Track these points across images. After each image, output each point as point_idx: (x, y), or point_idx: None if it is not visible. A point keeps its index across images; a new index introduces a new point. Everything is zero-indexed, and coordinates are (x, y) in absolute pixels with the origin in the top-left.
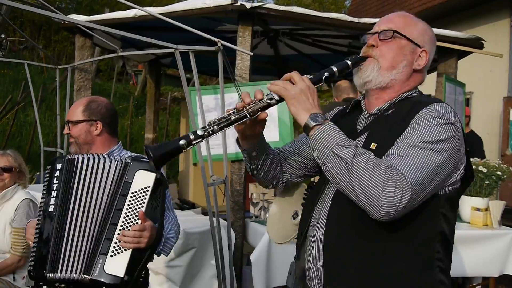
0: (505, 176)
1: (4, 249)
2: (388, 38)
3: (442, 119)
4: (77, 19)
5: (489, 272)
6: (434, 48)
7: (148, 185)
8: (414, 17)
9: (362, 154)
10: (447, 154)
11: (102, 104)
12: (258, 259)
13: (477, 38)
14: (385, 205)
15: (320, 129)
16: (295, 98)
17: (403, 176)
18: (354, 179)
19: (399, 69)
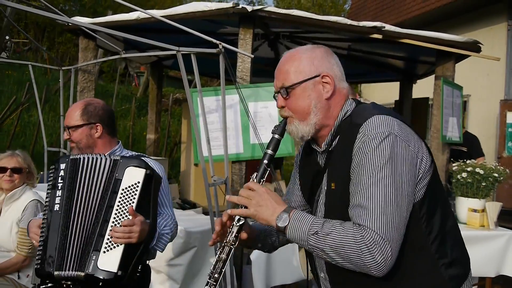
0: (502, 178)
1: (10, 248)
2: (287, 96)
3: (376, 138)
4: (80, 21)
5: (485, 272)
6: (332, 59)
7: (138, 181)
8: (299, 51)
9: (330, 234)
10: (398, 172)
11: (98, 106)
12: (258, 258)
13: (475, 42)
14: (373, 268)
15: (290, 228)
16: (258, 214)
17: (373, 231)
18: (337, 259)
19: (314, 111)
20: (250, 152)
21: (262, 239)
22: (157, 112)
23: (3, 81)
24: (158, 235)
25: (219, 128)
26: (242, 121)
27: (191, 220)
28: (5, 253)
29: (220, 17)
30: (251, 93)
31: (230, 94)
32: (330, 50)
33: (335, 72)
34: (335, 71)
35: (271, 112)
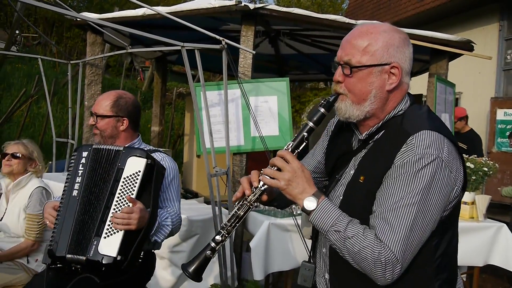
0: (491, 172)
1: (19, 233)
2: (349, 74)
3: (422, 159)
4: (88, 17)
5: (474, 262)
6: (407, 51)
7: (139, 170)
8: (376, 30)
9: (351, 238)
10: (433, 200)
11: (129, 101)
12: (257, 246)
13: (468, 41)
14: (379, 281)
15: (315, 214)
16: (287, 188)
17: (392, 252)
18: (348, 258)
19: (371, 99)
20: (250, 145)
21: (279, 198)
22: (161, 105)
23: (14, 74)
24: (158, 225)
25: (221, 121)
26: (243, 114)
27: (194, 209)
28: (14, 239)
29: (223, 14)
30: (252, 88)
31: (232, 89)
32: (408, 39)
33: (405, 65)
34: (405, 64)
35: (271, 106)
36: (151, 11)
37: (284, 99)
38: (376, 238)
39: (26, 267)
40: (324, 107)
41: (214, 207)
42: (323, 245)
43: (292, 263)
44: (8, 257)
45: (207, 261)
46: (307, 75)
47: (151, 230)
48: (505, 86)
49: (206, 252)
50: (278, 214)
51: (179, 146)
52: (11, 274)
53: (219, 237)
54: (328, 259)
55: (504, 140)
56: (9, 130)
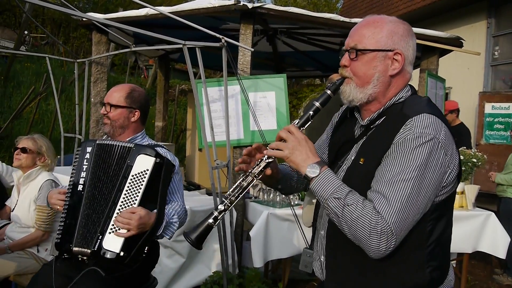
0: (480, 163)
1: (29, 224)
2: (355, 57)
3: (420, 138)
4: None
5: (463, 248)
6: (411, 41)
7: (147, 169)
8: (381, 20)
9: (350, 205)
10: (428, 177)
11: (142, 94)
12: (257, 235)
13: (457, 38)
14: (373, 251)
15: (316, 181)
16: (290, 156)
17: (387, 225)
18: (344, 227)
19: (374, 83)
20: (250, 138)
21: (283, 182)
22: (164, 102)
23: (23, 73)
24: (166, 223)
25: (222, 116)
26: (243, 109)
27: (196, 200)
28: (25, 229)
29: (223, 13)
30: (251, 84)
31: (232, 85)
32: (412, 31)
33: (408, 54)
34: (408, 52)
35: (269, 102)
36: (154, 11)
37: (282, 95)
38: (374, 209)
39: (36, 256)
40: (331, 89)
41: (216, 198)
42: (321, 227)
43: (290, 251)
44: (19, 246)
45: (209, 230)
46: (303, 72)
47: (157, 230)
48: (492, 81)
49: (208, 221)
50: (276, 204)
51: (181, 140)
52: (22, 262)
53: (222, 206)
54: (324, 241)
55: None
56: (19, 126)
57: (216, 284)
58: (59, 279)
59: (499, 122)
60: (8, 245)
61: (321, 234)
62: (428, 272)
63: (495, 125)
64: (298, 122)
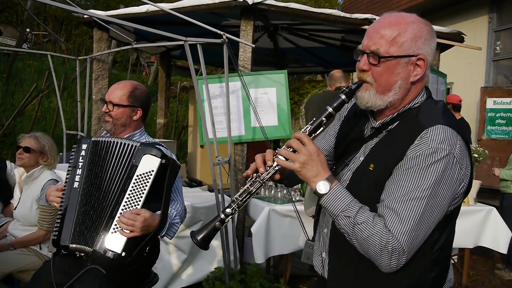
0: (481, 159)
1: (32, 223)
2: (377, 64)
3: (435, 154)
4: (95, 13)
5: (465, 243)
6: (433, 43)
7: (152, 170)
8: (405, 20)
9: (361, 224)
10: (442, 195)
11: (144, 92)
12: (258, 231)
13: (459, 33)
14: (384, 268)
15: (327, 198)
16: (301, 170)
17: (399, 243)
18: (355, 244)
19: (395, 90)
20: (251, 134)
21: (290, 177)
22: (166, 99)
23: (25, 70)
24: (168, 225)
25: (223, 113)
26: (244, 106)
27: (198, 197)
28: (27, 227)
29: (223, 10)
30: (252, 80)
31: (233, 81)
32: (434, 31)
33: (430, 58)
34: (430, 56)
35: (270, 98)
36: (155, 7)
37: (283, 91)
38: (385, 227)
39: (39, 253)
40: (346, 94)
41: (217, 195)
42: (325, 225)
43: (292, 247)
44: (22, 244)
45: (215, 231)
46: (305, 68)
47: (160, 232)
48: (494, 76)
49: (215, 223)
50: (277, 200)
51: (183, 137)
52: (25, 259)
53: (229, 210)
54: (328, 240)
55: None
56: (21, 124)
57: (218, 280)
58: (59, 276)
59: (500, 117)
60: (10, 242)
61: (324, 232)
62: (431, 277)
63: (496, 120)
64: (310, 128)
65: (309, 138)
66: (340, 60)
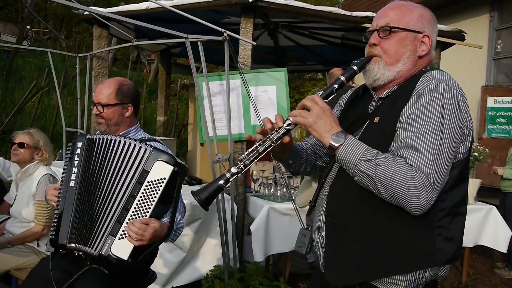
0: (482, 157)
1: (29, 219)
2: (387, 35)
3: (438, 86)
4: (95, 10)
5: (465, 242)
6: (436, 27)
7: (164, 177)
8: (410, 4)
9: (382, 164)
10: (450, 125)
11: (131, 87)
12: (257, 229)
13: (459, 31)
14: (414, 207)
15: (342, 149)
16: (314, 124)
17: (425, 176)
18: (381, 189)
19: (404, 60)
20: (251, 132)
21: (294, 156)
22: (166, 96)
23: (25, 67)
24: (173, 231)
25: (223, 110)
26: (244, 103)
27: None
28: (24, 224)
29: (223, 7)
30: (252, 78)
31: (233, 79)
32: (435, 18)
33: (433, 38)
34: (434, 37)
35: (270, 96)
36: (155, 4)
37: (283, 88)
38: (407, 163)
39: (37, 250)
40: (357, 65)
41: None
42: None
43: (291, 245)
44: (19, 241)
45: (219, 190)
46: (305, 66)
47: (167, 238)
48: (495, 75)
49: (219, 182)
50: (277, 199)
51: (183, 135)
52: (22, 257)
53: (235, 168)
54: (325, 215)
55: (494, 126)
56: (21, 121)
57: (217, 278)
58: (58, 273)
59: (501, 116)
60: (8, 240)
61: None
62: (437, 239)
63: (497, 119)
64: (322, 94)
65: (321, 99)
66: (341, 58)
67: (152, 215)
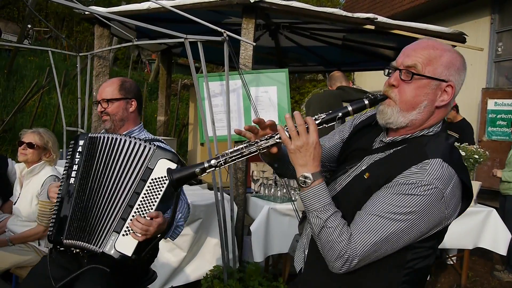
0: (482, 160)
1: (31, 218)
2: (409, 79)
3: (427, 187)
4: (96, 10)
5: (464, 245)
6: (463, 75)
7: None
8: (440, 47)
9: (329, 228)
10: (418, 227)
11: (133, 84)
12: (257, 230)
13: (460, 33)
14: (333, 269)
15: (305, 192)
16: (293, 153)
17: (355, 251)
18: (318, 243)
19: (420, 109)
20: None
21: (281, 162)
22: (167, 96)
23: (26, 66)
24: (173, 227)
25: (223, 111)
26: (244, 104)
27: (197, 195)
28: (26, 223)
29: (225, 7)
30: (252, 79)
31: (234, 79)
32: (465, 64)
33: (458, 88)
34: (458, 87)
35: (270, 97)
36: (156, 4)
37: (284, 89)
38: (350, 238)
39: (37, 249)
40: (370, 101)
41: (217, 193)
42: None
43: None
44: (20, 240)
45: (192, 176)
46: (306, 67)
47: (167, 234)
48: (496, 77)
49: (196, 169)
50: (277, 199)
51: (184, 135)
52: (23, 255)
53: (215, 161)
54: (308, 244)
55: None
56: (22, 120)
57: (216, 278)
58: (56, 270)
59: (501, 119)
60: (9, 238)
61: (308, 233)
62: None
63: (497, 122)
64: (323, 118)
65: (316, 128)
66: (342, 59)
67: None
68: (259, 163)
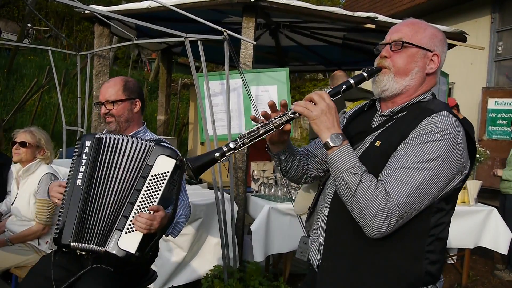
0: (482, 159)
1: (29, 217)
2: (399, 49)
3: (444, 132)
4: (96, 9)
5: (465, 244)
6: (446, 48)
7: (167, 171)
8: (423, 23)
9: (365, 182)
10: (443, 172)
11: (135, 83)
12: (258, 229)
13: (461, 32)
14: (374, 231)
15: (336, 152)
16: (317, 119)
17: (395, 207)
18: (354, 203)
19: (412, 75)
20: None
21: (289, 152)
22: (167, 95)
23: (26, 65)
24: (174, 224)
25: (223, 110)
26: (245, 103)
27: (197, 194)
28: (25, 222)
29: (225, 6)
30: (253, 78)
31: (234, 79)
32: (446, 40)
33: (442, 58)
34: (443, 57)
35: (271, 96)
36: (156, 3)
37: (284, 89)
38: (386, 192)
39: (37, 249)
40: (367, 73)
41: (217, 192)
42: (325, 207)
43: (291, 245)
44: (19, 239)
45: (213, 162)
46: (306, 66)
47: (168, 229)
48: (496, 76)
49: (215, 154)
50: (278, 199)
51: (184, 134)
52: (22, 255)
53: (233, 144)
54: (326, 219)
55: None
56: (22, 119)
57: (216, 278)
58: (58, 271)
59: (502, 118)
60: (8, 238)
61: (325, 213)
62: (425, 264)
63: (498, 121)
64: (330, 91)
65: (329, 96)
66: (342, 58)
67: None
68: (259, 163)
